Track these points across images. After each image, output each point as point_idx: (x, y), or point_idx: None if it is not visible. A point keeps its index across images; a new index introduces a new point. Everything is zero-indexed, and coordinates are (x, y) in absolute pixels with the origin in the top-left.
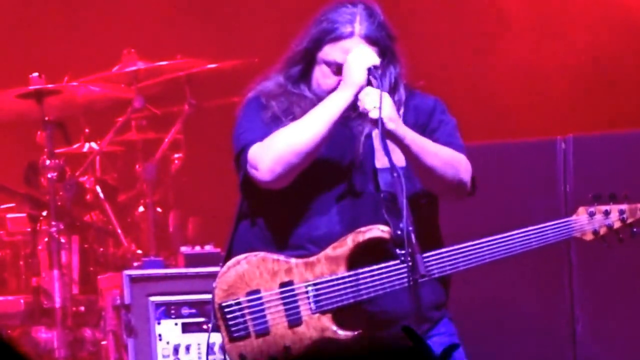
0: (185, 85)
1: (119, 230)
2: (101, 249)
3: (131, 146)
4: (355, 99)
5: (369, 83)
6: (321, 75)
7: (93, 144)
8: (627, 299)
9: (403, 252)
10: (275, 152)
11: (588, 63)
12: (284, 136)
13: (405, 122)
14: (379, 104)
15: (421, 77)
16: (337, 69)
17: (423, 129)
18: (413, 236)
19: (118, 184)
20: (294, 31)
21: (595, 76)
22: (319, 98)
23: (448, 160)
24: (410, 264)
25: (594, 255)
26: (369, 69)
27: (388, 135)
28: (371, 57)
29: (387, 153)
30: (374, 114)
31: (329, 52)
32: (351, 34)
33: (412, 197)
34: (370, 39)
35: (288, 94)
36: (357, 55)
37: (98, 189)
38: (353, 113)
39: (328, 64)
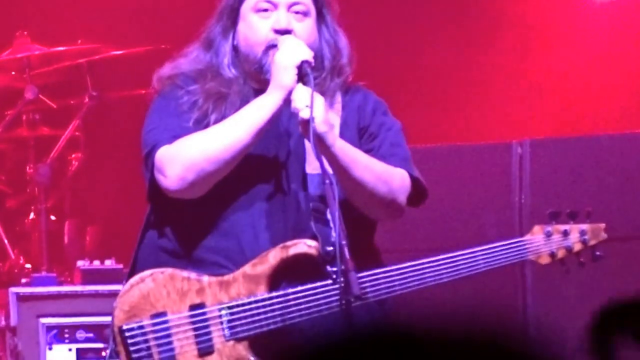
0: (86, 75)
1: (6, 241)
2: None
3: (22, 144)
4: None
5: (300, 80)
6: (248, 27)
7: None
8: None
9: (334, 269)
10: (186, 157)
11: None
12: (199, 141)
13: (347, 124)
14: (311, 103)
15: (369, 72)
16: (267, 9)
17: (363, 133)
18: (346, 251)
19: (6, 187)
20: (208, 16)
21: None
22: (244, 76)
23: (381, 175)
24: (342, 283)
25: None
26: (300, 65)
27: (316, 139)
28: (302, 51)
29: (319, 156)
30: (304, 114)
31: None
32: None
33: (346, 207)
34: None
35: (211, 74)
36: (285, 53)
37: None
38: (285, 109)
39: (256, 8)
